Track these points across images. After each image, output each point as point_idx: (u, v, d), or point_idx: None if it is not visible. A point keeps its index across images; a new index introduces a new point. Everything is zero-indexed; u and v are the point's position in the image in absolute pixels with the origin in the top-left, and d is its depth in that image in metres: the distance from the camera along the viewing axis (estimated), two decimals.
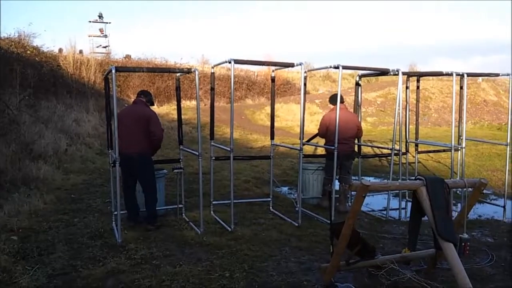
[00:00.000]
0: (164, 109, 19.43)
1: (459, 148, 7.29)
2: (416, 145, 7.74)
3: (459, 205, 7.22)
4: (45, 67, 15.92)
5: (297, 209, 6.19)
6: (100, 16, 31.07)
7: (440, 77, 24.97)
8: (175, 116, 6.49)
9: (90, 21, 30.93)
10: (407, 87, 7.59)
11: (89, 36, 30.42)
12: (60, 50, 20.21)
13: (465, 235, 3.66)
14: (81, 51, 21.16)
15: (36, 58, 15.81)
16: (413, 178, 3.98)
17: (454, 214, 4.65)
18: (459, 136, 7.41)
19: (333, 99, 6.69)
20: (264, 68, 26.58)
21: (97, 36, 30.85)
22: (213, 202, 6.40)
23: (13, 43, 14.72)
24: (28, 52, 15.37)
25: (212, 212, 6.28)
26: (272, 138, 6.86)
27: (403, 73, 6.57)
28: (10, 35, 15.20)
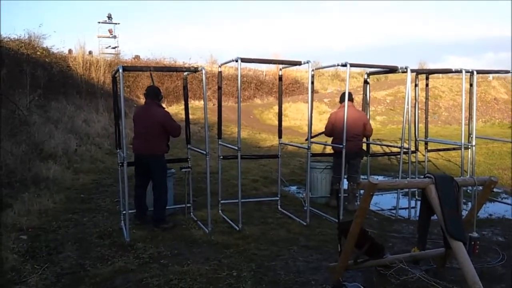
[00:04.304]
0: (173, 109, 19.46)
1: (469, 146, 7.22)
2: (426, 144, 7.67)
3: (469, 203, 7.15)
4: (55, 68, 16.07)
5: (305, 208, 6.17)
6: (109, 17, 31.24)
7: (450, 75, 24.78)
8: (184, 116, 6.50)
9: (99, 22, 31.15)
10: (416, 85, 7.53)
11: (98, 37, 30.63)
12: (70, 51, 20.37)
13: (475, 234, 3.61)
14: (90, 52, 21.30)
15: (46, 59, 15.96)
16: (423, 176, 3.95)
17: (464, 213, 4.61)
18: (469, 134, 7.34)
19: (342, 97, 6.67)
20: (273, 67, 26.55)
21: (106, 37, 31.03)
22: (221, 201, 6.39)
23: (23, 44, 14.86)
24: (38, 53, 15.52)
25: (220, 211, 6.27)
26: (280, 137, 6.84)
27: (412, 71, 6.51)
28: (20, 36, 15.36)
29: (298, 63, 5.95)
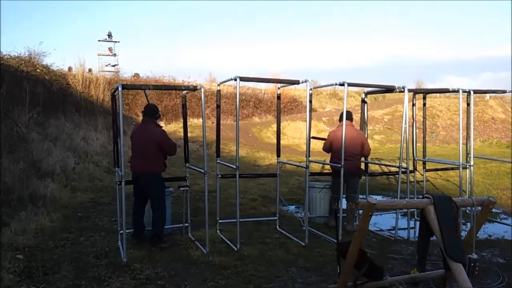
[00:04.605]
0: (172, 127, 19.52)
1: (468, 166, 7.22)
2: (424, 163, 7.68)
3: (468, 224, 7.11)
4: (54, 85, 16.10)
5: (304, 228, 6.13)
6: (109, 35, 31.42)
7: (447, 94, 24.92)
8: (182, 134, 6.52)
9: (99, 40, 31.32)
10: (413, 105, 7.57)
11: (98, 55, 30.78)
12: (70, 68, 20.48)
13: (474, 255, 3.59)
14: (90, 70, 21.40)
15: (46, 77, 16.01)
16: (421, 196, 3.94)
17: (463, 234, 4.59)
18: (467, 154, 7.35)
19: (342, 116, 6.68)
20: (271, 86, 26.70)
21: (106, 55, 31.20)
22: (219, 221, 6.36)
23: (23, 62, 14.93)
24: (38, 70, 15.58)
25: (218, 231, 6.23)
26: (278, 155, 6.85)
27: (409, 90, 6.56)
28: (20, 53, 15.44)
29: (296, 82, 5.99)
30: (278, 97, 6.95)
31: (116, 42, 31.67)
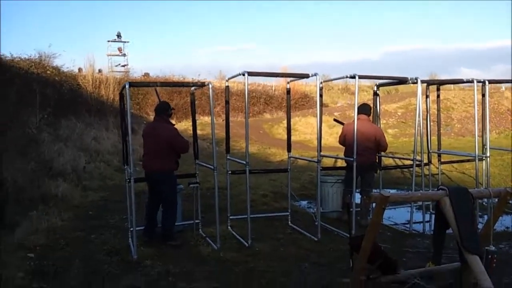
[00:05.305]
0: (182, 125, 19.50)
1: (484, 158, 7.05)
2: (439, 156, 7.52)
3: (485, 216, 6.95)
4: (64, 86, 16.19)
5: (316, 223, 6.04)
6: (119, 36, 31.49)
7: (462, 86, 24.57)
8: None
9: (108, 41, 31.43)
10: (427, 97, 7.41)
11: (108, 55, 30.90)
12: (80, 69, 20.57)
13: (492, 248, 3.48)
14: (100, 70, 21.49)
15: (56, 78, 16.09)
16: (436, 189, 3.83)
17: (480, 226, 4.46)
18: (483, 146, 7.18)
19: (359, 108, 6.54)
20: (282, 82, 26.58)
21: (116, 55, 31.28)
22: (230, 217, 6.29)
23: (33, 64, 15.02)
24: (48, 72, 15.67)
25: (229, 227, 6.17)
26: (289, 150, 6.75)
27: (422, 82, 6.42)
28: (31, 56, 15.53)
29: (305, 76, 5.90)
30: (288, 91, 6.86)
31: (125, 42, 31.74)
